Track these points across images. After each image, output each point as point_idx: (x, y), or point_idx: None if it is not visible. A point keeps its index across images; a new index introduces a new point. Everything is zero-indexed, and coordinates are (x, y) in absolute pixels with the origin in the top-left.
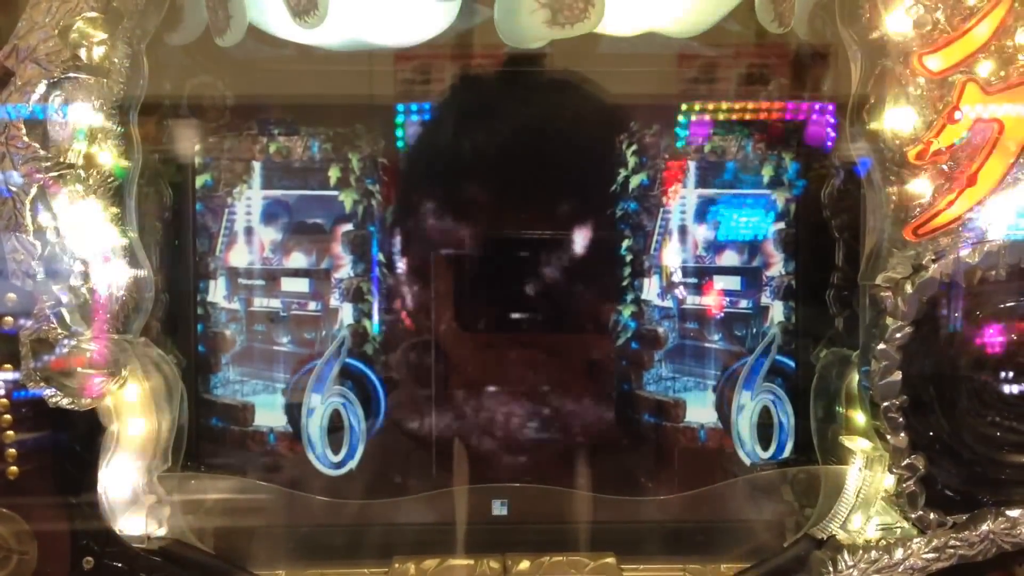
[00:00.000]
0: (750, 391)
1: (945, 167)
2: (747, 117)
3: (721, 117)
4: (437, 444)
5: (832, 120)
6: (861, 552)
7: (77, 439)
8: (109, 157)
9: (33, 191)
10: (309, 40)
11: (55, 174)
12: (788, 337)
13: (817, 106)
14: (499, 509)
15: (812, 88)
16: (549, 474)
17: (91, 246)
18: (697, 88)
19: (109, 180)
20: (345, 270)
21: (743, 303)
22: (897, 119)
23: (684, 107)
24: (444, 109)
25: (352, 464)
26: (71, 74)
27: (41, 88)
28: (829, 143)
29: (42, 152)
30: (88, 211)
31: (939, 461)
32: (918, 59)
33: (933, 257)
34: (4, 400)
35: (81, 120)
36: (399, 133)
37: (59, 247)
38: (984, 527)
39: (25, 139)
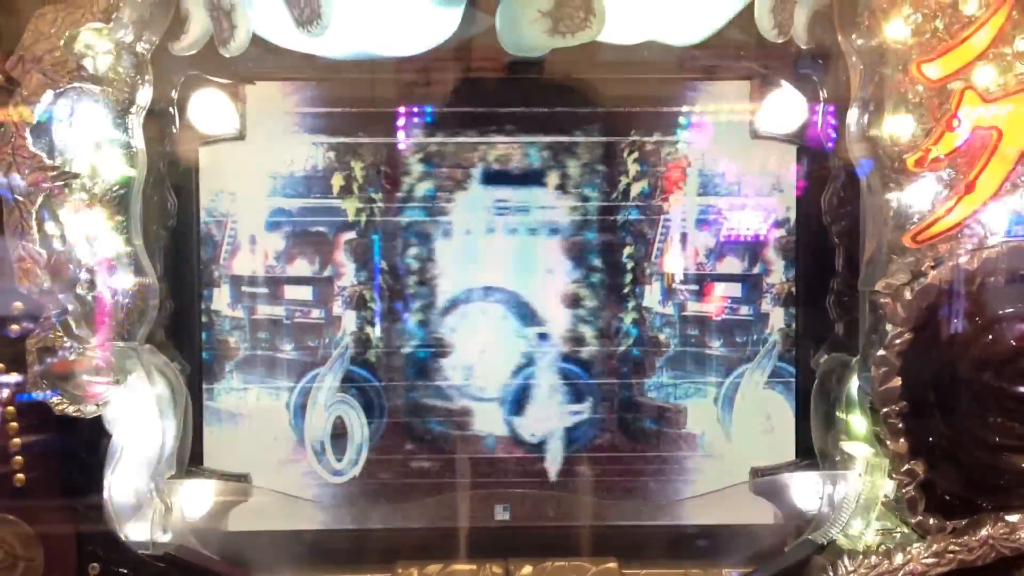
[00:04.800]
0: (750, 397)
1: (944, 174)
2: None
3: (721, 123)
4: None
5: (832, 126)
6: (861, 557)
7: (83, 446)
8: (114, 166)
9: (39, 200)
10: (312, 50)
11: (61, 183)
12: (788, 343)
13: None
14: (502, 514)
15: (812, 96)
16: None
17: (97, 254)
18: (695, 95)
19: (114, 188)
20: (348, 278)
21: (744, 309)
22: (896, 126)
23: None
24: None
25: (355, 470)
26: (76, 84)
27: (47, 98)
28: (829, 148)
29: (48, 161)
30: (94, 219)
31: (939, 466)
32: (917, 67)
33: (932, 264)
34: (11, 407)
35: (86, 129)
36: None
37: (65, 255)
38: (984, 532)
39: (31, 148)
